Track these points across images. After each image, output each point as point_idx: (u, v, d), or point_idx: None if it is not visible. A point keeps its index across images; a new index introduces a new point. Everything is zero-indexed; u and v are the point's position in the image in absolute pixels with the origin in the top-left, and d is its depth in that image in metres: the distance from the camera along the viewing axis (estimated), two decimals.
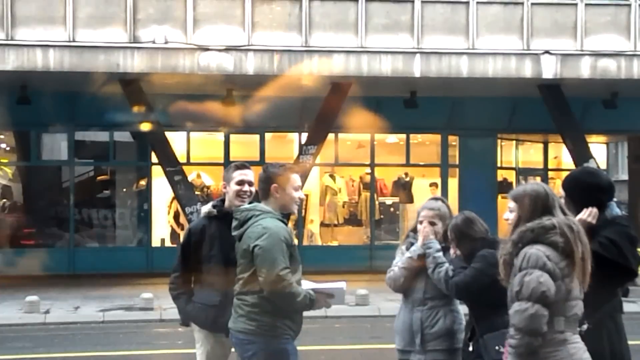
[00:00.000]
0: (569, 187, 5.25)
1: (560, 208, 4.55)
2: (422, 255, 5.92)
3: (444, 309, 5.93)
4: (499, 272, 4.58)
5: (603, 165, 24.06)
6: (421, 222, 6.00)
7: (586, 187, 5.16)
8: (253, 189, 5.94)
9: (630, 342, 5.21)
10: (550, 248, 4.38)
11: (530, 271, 4.36)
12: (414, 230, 6.13)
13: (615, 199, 5.41)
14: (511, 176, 22.79)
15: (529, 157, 23.77)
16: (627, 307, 5.18)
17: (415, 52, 16.89)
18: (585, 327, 4.78)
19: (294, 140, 21.00)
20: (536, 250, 4.38)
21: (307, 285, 5.35)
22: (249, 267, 5.21)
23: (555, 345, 4.36)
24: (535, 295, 4.30)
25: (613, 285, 5.07)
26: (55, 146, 21.88)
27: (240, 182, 5.91)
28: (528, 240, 4.44)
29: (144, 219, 20.87)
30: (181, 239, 6.63)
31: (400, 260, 6.04)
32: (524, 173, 22.94)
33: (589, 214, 5.03)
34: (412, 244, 6.06)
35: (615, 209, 5.21)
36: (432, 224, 5.96)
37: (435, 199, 6.26)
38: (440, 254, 5.88)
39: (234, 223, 5.39)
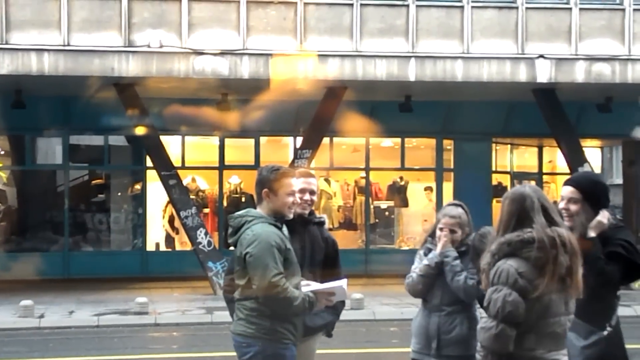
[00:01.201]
0: (590, 190, 5.17)
1: (549, 214, 4.33)
2: (439, 262, 5.96)
3: (460, 316, 5.93)
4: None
5: (598, 169, 24.09)
6: (442, 229, 6.02)
7: (605, 190, 5.21)
8: (315, 197, 5.95)
9: (628, 346, 5.23)
10: (526, 263, 4.20)
11: (499, 288, 4.17)
12: (432, 235, 6.16)
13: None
14: (506, 180, 22.79)
15: (523, 161, 23.79)
16: (620, 311, 5.18)
17: (410, 56, 16.90)
18: (608, 330, 4.80)
19: (289, 144, 21.00)
20: (508, 266, 4.19)
21: (309, 287, 5.32)
22: (245, 274, 5.20)
23: None
24: (502, 315, 4.13)
25: (622, 285, 5.13)
26: (50, 150, 21.85)
27: (302, 190, 5.87)
28: (504, 253, 4.26)
29: (139, 223, 20.84)
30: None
31: (418, 266, 6.08)
32: (518, 177, 22.96)
33: (606, 217, 5.06)
34: (430, 250, 6.10)
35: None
36: (452, 231, 5.99)
37: (456, 204, 6.25)
38: (458, 261, 5.91)
39: (229, 230, 5.38)
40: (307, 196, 5.87)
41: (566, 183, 5.29)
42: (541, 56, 17.19)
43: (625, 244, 4.98)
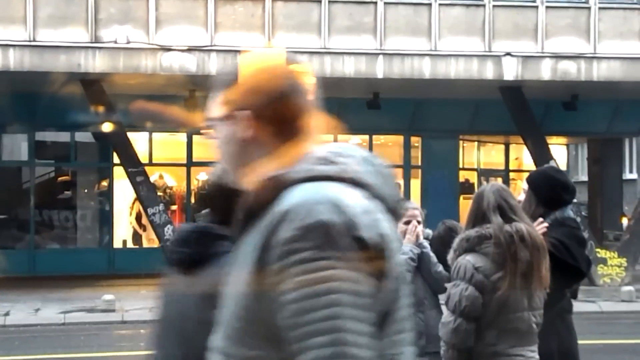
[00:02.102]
0: (534, 182, 5.24)
1: (505, 213, 4.35)
2: (419, 254, 5.82)
3: (438, 309, 5.83)
4: None
5: (563, 166, 24.32)
6: (407, 222, 5.83)
7: (552, 183, 5.20)
8: None
9: (588, 342, 5.24)
10: (485, 258, 4.26)
11: (457, 283, 4.25)
12: None
13: (575, 200, 5.45)
14: (473, 177, 22.94)
15: (490, 159, 23.95)
16: (585, 307, 5.23)
17: (378, 54, 16.95)
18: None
19: None
20: (466, 262, 4.26)
21: None
22: None
23: (483, 358, 4.27)
24: (459, 309, 4.20)
25: (562, 286, 5.06)
26: (16, 147, 21.65)
27: None
28: (463, 249, 4.33)
29: (106, 220, 20.72)
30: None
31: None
32: (485, 174, 23.11)
33: (540, 228, 4.96)
34: None
35: (568, 211, 5.22)
36: (419, 222, 5.88)
37: (405, 199, 6.24)
38: (431, 252, 5.85)
39: None
40: None
41: None
42: (508, 54, 17.32)
43: (556, 242, 4.84)
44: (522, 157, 23.59)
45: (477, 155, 23.34)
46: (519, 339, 4.31)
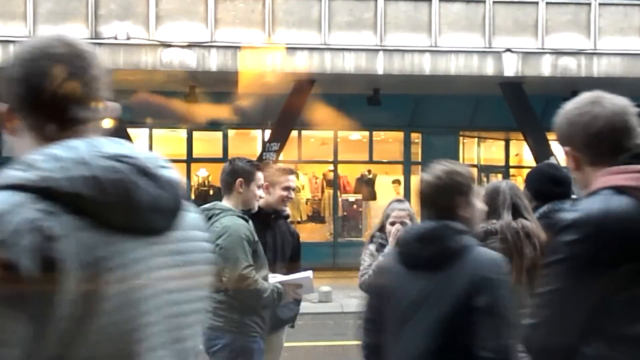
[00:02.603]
0: (528, 176, 5.36)
1: (519, 211, 4.41)
2: None
3: None
4: None
5: (563, 162, 24.27)
6: (393, 223, 5.88)
7: (542, 177, 5.25)
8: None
9: None
10: None
11: None
12: (381, 230, 6.01)
13: (574, 195, 5.44)
14: (473, 173, 22.90)
15: (490, 155, 23.94)
16: None
17: (379, 50, 16.94)
18: None
19: (257, 137, 20.97)
20: None
21: (275, 279, 5.33)
22: None
23: None
24: None
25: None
26: None
27: (287, 188, 5.86)
28: None
29: None
30: None
31: (374, 263, 5.81)
32: (485, 170, 23.11)
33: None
34: (382, 245, 5.92)
35: (561, 205, 5.21)
36: (403, 224, 5.86)
37: (400, 200, 6.23)
38: None
39: None
40: (291, 194, 5.90)
41: None
42: (508, 50, 17.30)
43: None
44: (523, 153, 23.57)
45: (478, 152, 23.33)
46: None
